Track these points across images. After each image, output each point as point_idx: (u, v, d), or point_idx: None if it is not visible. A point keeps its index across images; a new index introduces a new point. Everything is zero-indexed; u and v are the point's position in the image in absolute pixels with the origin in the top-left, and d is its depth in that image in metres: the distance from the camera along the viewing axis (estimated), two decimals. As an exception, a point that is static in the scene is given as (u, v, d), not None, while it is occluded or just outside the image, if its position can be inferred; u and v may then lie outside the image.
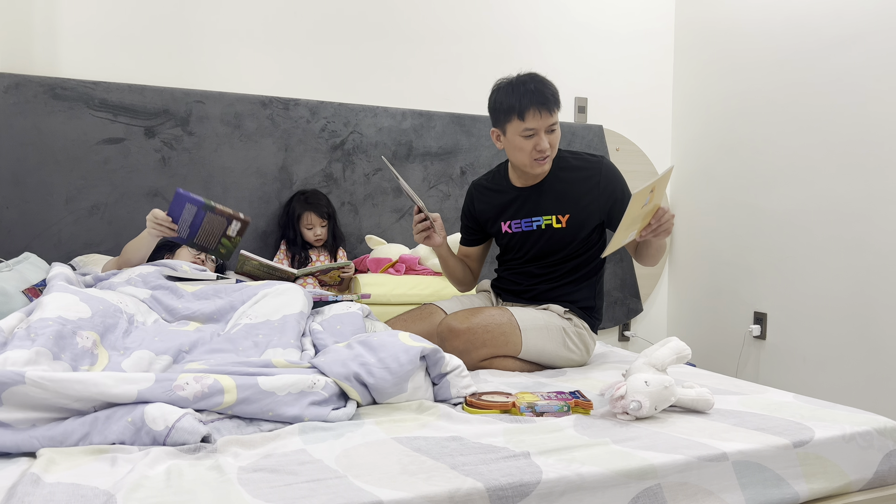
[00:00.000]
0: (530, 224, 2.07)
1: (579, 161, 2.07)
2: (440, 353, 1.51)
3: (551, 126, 1.94)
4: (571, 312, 2.06)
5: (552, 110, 1.93)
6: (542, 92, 1.91)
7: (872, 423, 1.42)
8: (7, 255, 2.33)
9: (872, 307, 2.55)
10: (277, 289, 1.80)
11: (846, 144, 2.64)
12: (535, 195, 2.07)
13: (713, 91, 3.28)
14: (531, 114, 1.90)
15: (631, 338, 3.46)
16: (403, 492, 1.03)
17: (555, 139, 1.97)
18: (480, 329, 1.90)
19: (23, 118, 2.42)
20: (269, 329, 1.65)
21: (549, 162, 1.99)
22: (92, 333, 1.48)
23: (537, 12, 3.25)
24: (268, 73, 2.82)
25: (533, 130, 1.92)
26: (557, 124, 1.96)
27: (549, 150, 1.96)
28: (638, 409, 1.39)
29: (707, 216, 3.32)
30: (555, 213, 2.04)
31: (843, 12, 2.64)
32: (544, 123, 1.92)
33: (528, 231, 2.07)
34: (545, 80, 1.95)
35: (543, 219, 2.05)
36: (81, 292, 1.61)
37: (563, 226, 2.03)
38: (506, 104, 1.94)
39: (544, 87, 1.93)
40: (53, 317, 1.45)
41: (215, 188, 2.67)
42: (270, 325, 1.66)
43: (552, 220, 2.04)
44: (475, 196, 2.19)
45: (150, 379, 1.27)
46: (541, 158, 1.96)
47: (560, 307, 2.06)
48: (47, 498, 0.98)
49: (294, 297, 1.77)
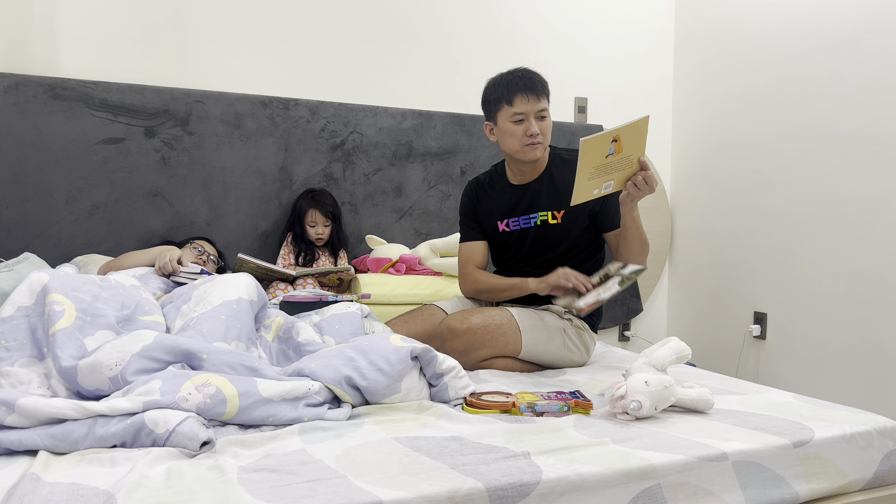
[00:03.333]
0: (528, 221, 2.08)
1: (573, 156, 2.06)
2: (432, 353, 1.52)
3: (540, 112, 1.98)
4: (571, 313, 2.06)
5: (539, 95, 1.97)
6: (529, 78, 1.98)
7: (872, 423, 1.42)
8: (7, 255, 2.33)
9: (872, 307, 2.55)
10: (223, 279, 1.78)
11: (846, 144, 2.64)
12: (531, 192, 2.08)
13: (713, 91, 3.28)
14: (519, 98, 1.96)
15: (631, 338, 3.46)
16: (403, 492, 1.03)
17: (545, 127, 2.00)
18: (480, 329, 1.90)
19: (23, 118, 2.42)
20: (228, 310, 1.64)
21: (540, 149, 2.01)
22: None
23: (537, 12, 3.25)
24: (268, 73, 2.82)
25: (522, 115, 1.97)
26: (547, 112, 2.00)
27: (540, 136, 1.99)
28: (638, 409, 1.39)
29: (707, 216, 3.32)
30: (550, 210, 2.05)
31: (843, 12, 2.64)
32: (533, 108, 1.96)
33: (526, 228, 2.08)
34: (534, 71, 2.01)
35: (539, 215, 2.06)
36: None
37: (558, 221, 2.04)
38: (495, 94, 2.01)
39: (532, 74, 2.00)
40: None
41: (215, 188, 2.67)
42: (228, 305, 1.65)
43: (548, 216, 2.05)
44: (478, 193, 2.18)
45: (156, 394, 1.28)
46: (532, 144, 1.99)
47: (559, 307, 2.06)
48: (47, 498, 0.98)
49: (232, 284, 1.74)
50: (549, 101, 2.02)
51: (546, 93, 2.00)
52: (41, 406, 1.20)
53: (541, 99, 1.98)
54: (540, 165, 2.08)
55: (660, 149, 3.53)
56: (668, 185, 3.55)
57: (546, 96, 2.00)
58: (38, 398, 1.23)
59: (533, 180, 2.09)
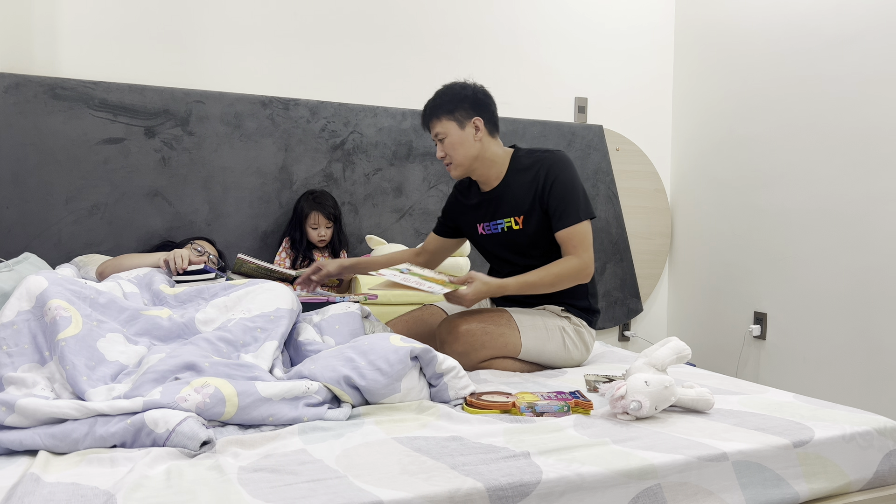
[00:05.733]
0: (496, 227, 2.07)
1: (531, 159, 2.03)
2: (432, 353, 1.52)
3: (436, 136, 2.01)
4: (568, 311, 2.06)
5: (428, 123, 2.02)
6: (426, 106, 2.03)
7: (872, 423, 1.42)
8: (7, 255, 2.33)
9: (872, 307, 2.55)
10: (265, 285, 1.80)
11: (846, 144, 2.64)
12: (495, 200, 2.06)
13: (713, 91, 3.28)
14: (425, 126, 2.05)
15: (631, 338, 3.46)
16: (403, 492, 1.03)
17: (447, 147, 2.00)
18: (479, 331, 1.90)
19: (23, 118, 2.42)
20: (266, 321, 1.65)
21: (455, 168, 2.02)
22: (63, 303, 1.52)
23: (537, 12, 3.25)
24: (268, 73, 2.82)
25: (434, 139, 2.03)
26: (445, 133, 1.99)
27: (448, 157, 2.01)
28: (638, 409, 1.39)
29: (707, 216, 3.32)
30: (512, 216, 2.03)
31: (843, 12, 2.64)
32: (432, 134, 2.03)
33: (496, 234, 2.07)
34: (441, 90, 2.02)
35: (504, 221, 2.05)
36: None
37: (520, 227, 2.02)
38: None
39: (429, 102, 2.03)
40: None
41: (215, 188, 2.67)
42: (266, 317, 1.67)
43: (511, 222, 2.03)
44: (458, 197, 2.20)
45: (156, 395, 1.29)
46: (446, 165, 2.04)
47: (556, 306, 2.06)
48: (47, 498, 0.98)
49: (283, 294, 1.77)
50: (442, 116, 1.98)
51: (436, 115, 1.99)
52: (41, 406, 1.20)
53: (431, 125, 2.01)
54: (499, 172, 2.05)
55: (660, 149, 3.53)
56: (668, 185, 3.55)
57: (437, 118, 1.99)
58: (38, 398, 1.23)
59: (494, 188, 2.07)
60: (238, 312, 1.68)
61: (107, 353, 1.46)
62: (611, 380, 1.71)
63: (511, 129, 3.11)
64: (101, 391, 1.34)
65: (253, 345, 1.59)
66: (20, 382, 1.35)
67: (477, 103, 1.99)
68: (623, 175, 3.38)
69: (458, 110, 1.98)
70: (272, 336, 1.62)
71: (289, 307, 1.72)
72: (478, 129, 1.99)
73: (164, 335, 1.61)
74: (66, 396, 1.38)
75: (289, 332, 1.71)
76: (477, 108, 1.99)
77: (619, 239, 3.36)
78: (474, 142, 1.99)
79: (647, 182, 3.44)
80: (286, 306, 1.71)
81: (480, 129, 1.99)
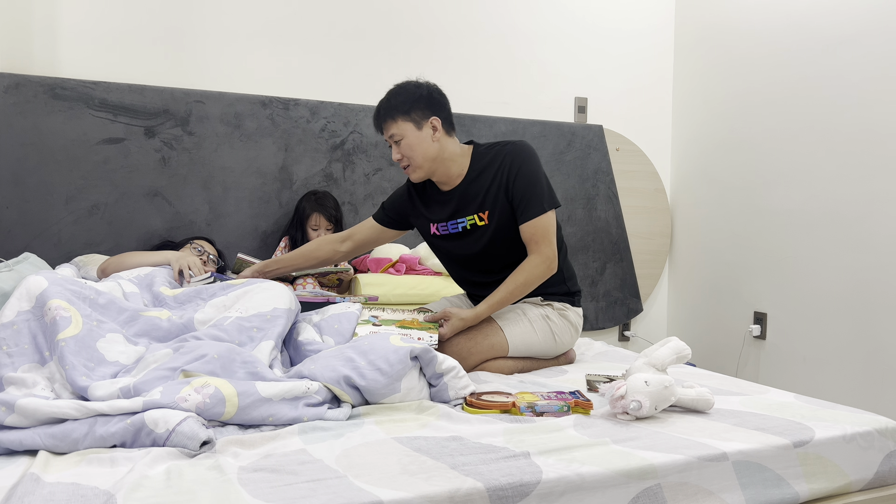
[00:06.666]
0: (456, 226, 2.02)
1: (491, 154, 2.00)
2: (432, 353, 1.52)
3: (391, 138, 1.97)
4: (548, 300, 2.04)
5: (381, 124, 1.97)
6: (379, 107, 1.97)
7: (873, 423, 1.42)
8: (7, 255, 2.33)
9: (872, 307, 2.55)
10: (263, 285, 1.79)
11: (846, 144, 2.64)
12: (456, 198, 2.02)
13: (713, 91, 3.28)
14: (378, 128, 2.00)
15: (631, 338, 3.46)
16: (403, 492, 1.03)
17: (404, 149, 1.95)
18: (464, 339, 1.89)
19: (23, 118, 2.42)
20: (262, 321, 1.65)
21: (415, 171, 1.98)
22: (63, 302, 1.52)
23: (537, 12, 3.25)
24: (268, 73, 2.82)
25: (388, 141, 1.99)
26: (401, 134, 1.94)
27: (405, 160, 1.97)
28: (638, 408, 1.39)
29: (707, 216, 3.32)
30: (476, 213, 1.99)
31: (843, 11, 2.64)
32: (385, 137, 1.98)
33: (455, 233, 2.03)
34: (394, 89, 1.97)
35: (467, 220, 2.00)
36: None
37: (485, 222, 1.98)
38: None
39: (380, 103, 1.97)
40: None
41: (215, 188, 2.67)
42: (262, 317, 1.66)
43: (475, 218, 1.99)
44: (411, 194, 2.13)
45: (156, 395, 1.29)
46: (403, 167, 2.01)
47: (534, 298, 2.04)
48: (47, 498, 0.98)
49: (281, 293, 1.76)
50: (407, 118, 1.93)
51: (391, 116, 1.93)
52: (41, 406, 1.20)
53: (386, 127, 1.96)
54: (460, 170, 2.01)
55: (660, 149, 3.53)
56: (668, 185, 3.55)
57: (392, 119, 1.93)
58: (38, 398, 1.23)
59: (455, 186, 2.02)
60: (234, 311, 1.68)
61: (107, 353, 1.46)
62: (611, 380, 1.71)
63: (511, 129, 3.11)
64: (105, 384, 1.34)
65: (249, 345, 1.59)
66: (20, 382, 1.34)
67: (433, 102, 1.95)
68: (623, 175, 3.38)
69: (415, 110, 1.93)
70: (268, 336, 1.62)
71: (286, 307, 1.72)
72: (435, 128, 1.95)
73: (164, 336, 1.61)
74: (66, 396, 1.38)
75: (286, 332, 1.70)
76: (433, 108, 1.95)
77: (619, 239, 3.36)
78: (432, 142, 1.95)
79: (647, 182, 3.44)
80: (284, 306, 1.71)
81: (438, 129, 1.95)
